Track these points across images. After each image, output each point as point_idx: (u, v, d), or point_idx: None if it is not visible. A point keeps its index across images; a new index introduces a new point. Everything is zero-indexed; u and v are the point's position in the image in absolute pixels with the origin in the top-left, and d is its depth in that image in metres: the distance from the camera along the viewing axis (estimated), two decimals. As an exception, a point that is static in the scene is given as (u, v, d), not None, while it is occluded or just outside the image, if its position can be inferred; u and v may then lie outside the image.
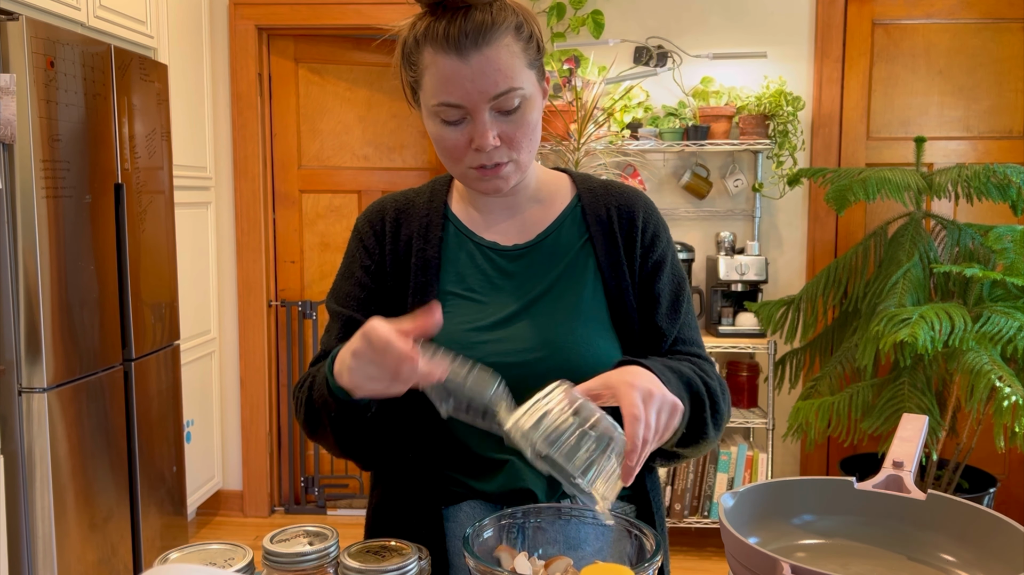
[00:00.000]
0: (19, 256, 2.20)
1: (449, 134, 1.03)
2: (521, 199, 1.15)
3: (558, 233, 1.14)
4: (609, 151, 3.15)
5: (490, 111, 1.01)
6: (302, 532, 0.85)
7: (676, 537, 3.26)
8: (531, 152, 1.07)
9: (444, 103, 1.01)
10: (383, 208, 1.17)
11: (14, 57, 2.13)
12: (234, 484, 3.62)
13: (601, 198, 1.16)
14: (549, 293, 1.10)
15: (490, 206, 1.15)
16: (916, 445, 0.91)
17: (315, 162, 3.65)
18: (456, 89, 0.99)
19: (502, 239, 1.14)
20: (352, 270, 1.15)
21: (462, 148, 1.04)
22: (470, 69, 0.98)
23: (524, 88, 1.02)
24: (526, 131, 1.04)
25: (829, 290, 2.87)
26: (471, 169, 1.05)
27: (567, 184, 1.20)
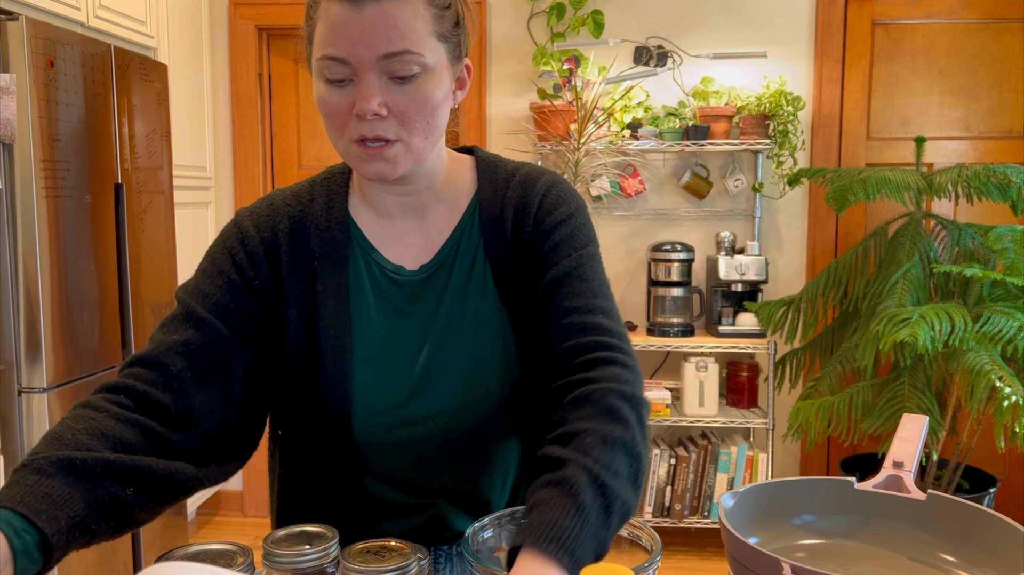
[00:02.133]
0: (19, 256, 2.20)
1: (331, 96, 0.91)
2: (425, 199, 1.02)
3: (458, 244, 1.02)
4: (609, 151, 3.15)
5: (381, 74, 0.89)
6: (302, 532, 0.85)
7: (676, 537, 3.26)
8: (428, 137, 0.94)
9: (328, 56, 0.89)
10: (273, 214, 1.01)
11: (14, 57, 2.13)
12: (234, 484, 3.62)
13: (500, 192, 1.03)
14: (456, 323, 1.00)
15: (391, 209, 1.02)
16: (916, 445, 0.91)
17: (315, 162, 3.65)
18: (342, 41, 0.88)
19: (409, 257, 1.02)
20: (223, 272, 0.99)
21: (344, 114, 0.91)
22: (361, 20, 0.87)
23: (425, 57, 0.90)
24: (421, 107, 0.91)
25: (829, 290, 2.87)
26: (352, 143, 0.92)
27: (470, 176, 1.06)
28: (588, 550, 0.77)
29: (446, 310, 1.01)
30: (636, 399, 0.90)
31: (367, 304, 1.00)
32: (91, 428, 0.86)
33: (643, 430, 0.89)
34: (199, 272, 1.00)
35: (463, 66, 0.98)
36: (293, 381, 1.00)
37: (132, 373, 0.93)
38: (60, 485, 0.81)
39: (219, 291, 0.97)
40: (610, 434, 0.84)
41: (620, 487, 0.82)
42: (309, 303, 0.99)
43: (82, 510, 0.82)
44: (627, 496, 0.83)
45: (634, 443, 0.86)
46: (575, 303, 0.96)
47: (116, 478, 0.84)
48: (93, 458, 0.82)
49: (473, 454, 1.03)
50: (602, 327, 0.94)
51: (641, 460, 0.87)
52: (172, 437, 0.91)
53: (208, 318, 0.96)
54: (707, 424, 3.15)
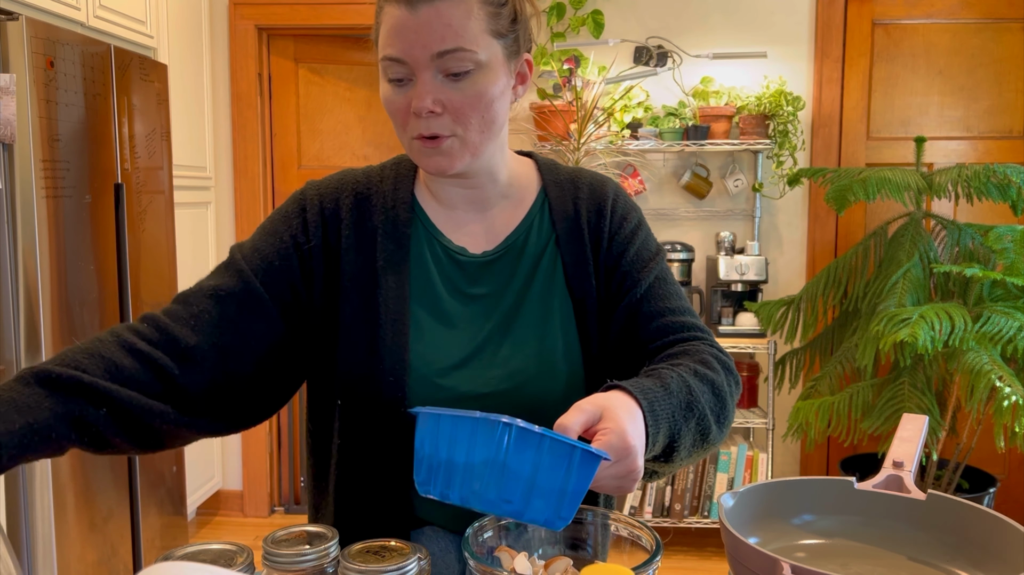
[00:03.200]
0: (19, 256, 2.20)
1: (393, 95, 0.96)
2: (489, 194, 1.06)
3: (527, 236, 1.07)
4: (609, 151, 3.15)
5: (436, 72, 0.93)
6: (302, 532, 0.85)
7: (676, 537, 3.26)
8: (484, 132, 0.98)
9: (388, 57, 0.93)
10: (340, 187, 1.06)
11: (14, 57, 2.13)
12: (234, 484, 3.62)
13: (568, 191, 1.09)
14: (519, 310, 1.04)
15: (455, 200, 1.06)
16: (916, 445, 0.91)
17: (315, 162, 3.65)
18: (399, 41, 0.92)
19: (471, 243, 1.06)
20: (277, 232, 1.03)
21: (404, 112, 0.96)
22: (416, 20, 0.91)
23: (479, 54, 0.93)
24: (475, 103, 0.95)
25: (829, 290, 2.87)
26: (414, 140, 0.97)
27: (534, 175, 1.11)
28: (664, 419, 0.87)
29: (512, 295, 1.04)
30: (729, 367, 1.01)
31: (428, 281, 1.03)
32: (92, 349, 0.90)
33: (732, 391, 0.99)
34: (258, 230, 1.05)
35: (523, 61, 1.01)
36: (349, 351, 1.01)
37: (165, 307, 0.98)
38: (30, 394, 0.84)
39: (268, 248, 1.02)
40: (702, 370, 0.96)
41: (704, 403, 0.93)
42: (369, 275, 1.02)
43: (46, 418, 0.83)
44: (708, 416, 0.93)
45: (723, 389, 0.97)
46: (666, 304, 1.05)
47: (88, 398, 0.86)
48: (69, 375, 0.85)
49: None
50: (695, 325, 1.05)
51: (726, 407, 0.96)
52: (175, 372, 0.93)
53: (245, 270, 1.00)
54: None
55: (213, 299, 0.97)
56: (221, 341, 0.96)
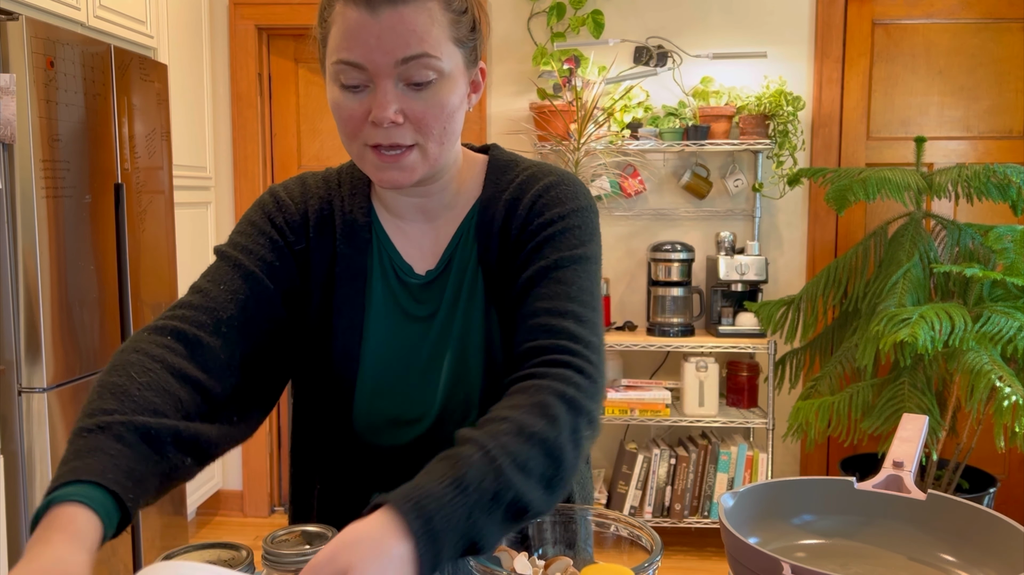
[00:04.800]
0: (19, 256, 2.20)
1: (346, 101, 0.90)
2: (435, 203, 1.02)
3: (456, 250, 1.02)
4: (609, 151, 3.15)
5: (397, 80, 0.89)
6: (302, 532, 0.85)
7: (676, 537, 3.26)
8: (443, 144, 0.93)
9: (344, 61, 0.88)
10: (306, 191, 1.04)
11: (14, 57, 2.13)
12: (234, 484, 3.62)
13: (500, 193, 1.01)
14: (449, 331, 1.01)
15: (404, 210, 1.03)
16: (916, 445, 0.91)
17: (315, 162, 3.65)
18: (359, 46, 0.87)
19: (418, 260, 1.03)
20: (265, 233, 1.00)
21: (358, 120, 0.91)
22: (378, 25, 0.86)
23: (442, 62, 0.89)
24: (438, 114, 0.90)
25: (829, 290, 2.87)
26: (367, 148, 0.92)
27: (479, 180, 1.04)
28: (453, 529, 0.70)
29: (442, 315, 1.02)
30: (577, 405, 0.83)
31: (380, 295, 1.02)
32: (154, 383, 0.85)
33: (575, 438, 0.82)
34: (237, 234, 1.01)
35: (478, 70, 0.98)
36: (307, 354, 1.03)
37: (182, 315, 0.92)
38: (138, 458, 0.79)
39: (263, 249, 0.99)
40: (529, 427, 0.79)
41: (521, 481, 0.75)
42: (328, 283, 1.01)
43: (153, 487, 0.81)
44: (528, 493, 0.76)
45: (557, 445, 0.79)
46: (546, 304, 0.92)
47: (180, 448, 0.84)
48: (164, 427, 0.82)
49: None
50: (568, 331, 0.89)
51: (561, 465, 0.80)
52: (214, 389, 0.91)
53: (256, 272, 0.97)
54: (707, 424, 3.15)
55: (235, 305, 0.95)
56: (248, 348, 0.95)
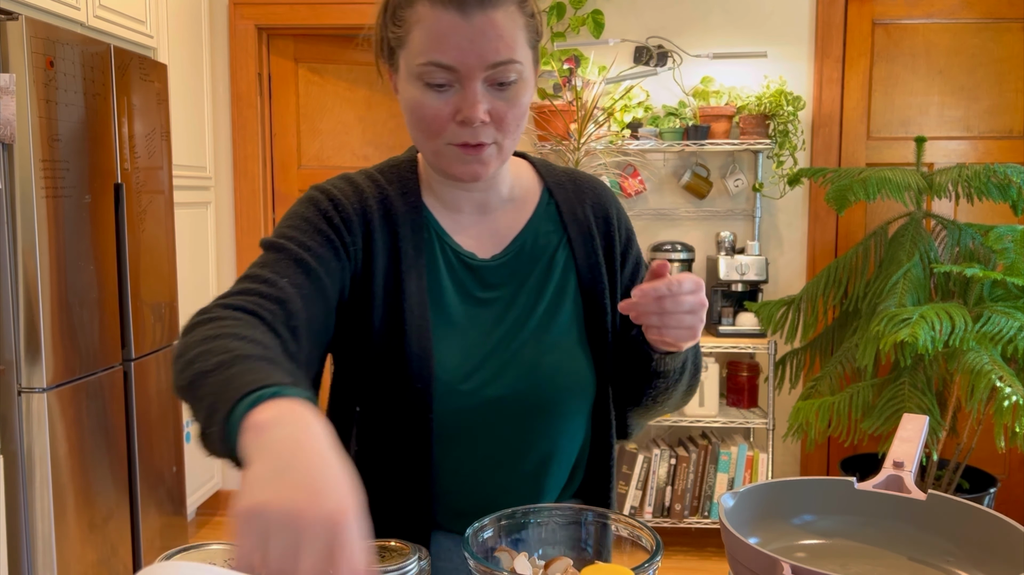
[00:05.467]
0: (19, 256, 2.20)
1: (432, 101, 0.93)
2: (493, 197, 1.07)
3: (534, 236, 1.07)
4: (609, 151, 3.14)
5: (483, 82, 0.92)
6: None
7: (676, 537, 3.26)
8: (515, 141, 0.99)
9: (434, 62, 0.91)
10: (360, 191, 1.03)
11: (14, 57, 2.13)
12: (234, 484, 3.61)
13: (573, 194, 1.11)
14: (532, 311, 1.04)
15: (460, 204, 1.06)
16: (916, 445, 0.91)
17: (315, 162, 3.65)
18: (451, 48, 0.90)
19: (478, 248, 1.05)
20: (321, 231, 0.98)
21: (444, 119, 0.94)
22: (471, 28, 0.89)
23: (523, 65, 0.94)
24: (516, 114, 0.96)
25: (829, 290, 2.87)
26: (450, 146, 0.95)
27: (532, 176, 1.12)
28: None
29: (524, 296, 1.04)
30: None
31: (442, 286, 1.02)
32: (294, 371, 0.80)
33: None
34: (289, 227, 0.98)
35: (538, 70, 1.03)
36: (377, 357, 1.00)
37: (255, 302, 0.88)
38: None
39: (320, 247, 0.96)
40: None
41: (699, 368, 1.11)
42: (394, 282, 1.00)
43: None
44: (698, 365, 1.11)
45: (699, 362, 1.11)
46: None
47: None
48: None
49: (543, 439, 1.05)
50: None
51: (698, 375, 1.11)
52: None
53: (317, 269, 0.95)
54: (707, 424, 3.15)
55: (301, 300, 0.92)
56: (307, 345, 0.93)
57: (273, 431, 0.64)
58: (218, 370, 0.74)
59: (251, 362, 0.75)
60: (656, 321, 0.92)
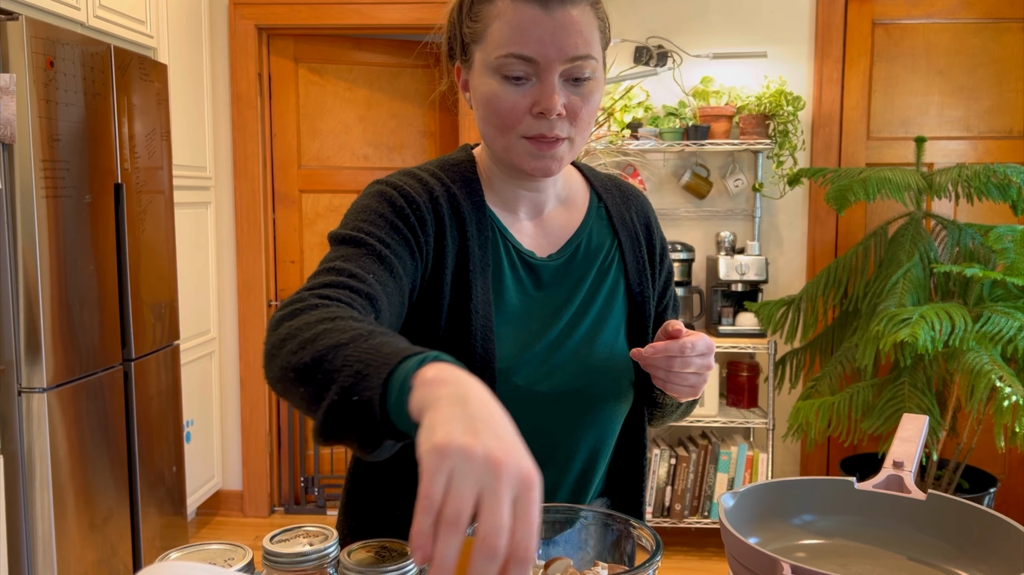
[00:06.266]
0: (19, 256, 2.20)
1: (509, 93, 0.94)
2: (548, 196, 1.09)
3: (588, 239, 1.09)
4: (609, 151, 3.14)
5: (560, 76, 0.94)
6: (302, 532, 0.85)
7: (676, 537, 3.26)
8: (585, 139, 1.00)
9: (514, 54, 0.93)
10: (429, 188, 1.01)
11: (14, 57, 2.13)
12: (234, 484, 3.62)
13: (620, 200, 1.15)
14: (586, 311, 1.07)
15: (518, 203, 1.07)
16: (916, 445, 0.91)
17: (315, 162, 3.65)
18: (532, 40, 0.92)
19: (536, 248, 1.07)
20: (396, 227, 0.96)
21: (520, 112, 0.95)
22: (552, 22, 0.92)
23: (597, 62, 0.96)
24: (590, 110, 0.97)
25: (829, 290, 2.87)
26: (524, 139, 0.96)
27: (580, 180, 1.15)
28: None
29: (579, 296, 1.06)
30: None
31: (506, 285, 1.04)
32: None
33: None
34: (364, 222, 0.95)
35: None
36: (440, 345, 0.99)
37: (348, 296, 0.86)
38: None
39: (397, 244, 0.95)
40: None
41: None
42: (462, 282, 1.00)
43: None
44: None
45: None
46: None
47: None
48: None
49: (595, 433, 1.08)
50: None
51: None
52: None
53: (397, 267, 0.93)
54: (707, 424, 3.15)
55: (386, 296, 0.90)
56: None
57: (451, 386, 0.64)
58: (357, 341, 0.73)
59: (391, 336, 0.75)
60: (662, 375, 0.97)
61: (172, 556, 0.81)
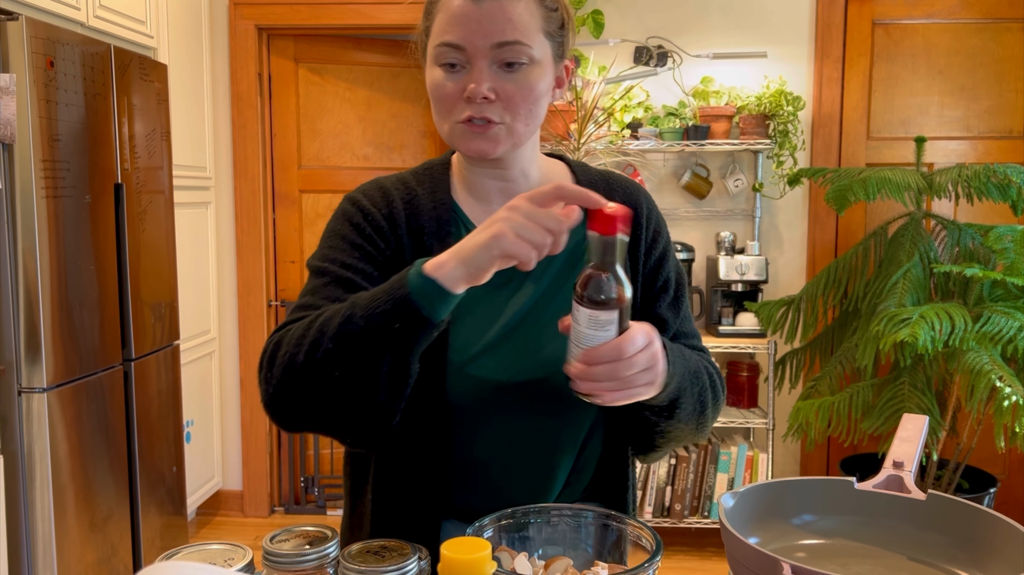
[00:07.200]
0: (19, 256, 2.20)
1: (445, 80, 1.00)
2: (521, 187, 1.10)
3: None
4: (609, 151, 3.14)
5: (492, 63, 0.98)
6: (302, 532, 0.85)
7: (676, 537, 3.26)
8: (528, 124, 1.03)
9: (445, 42, 0.98)
10: (388, 196, 1.08)
11: (14, 57, 2.13)
12: (234, 484, 3.62)
13: (603, 191, 1.13)
14: (552, 298, 1.07)
15: (490, 193, 1.10)
16: (916, 445, 0.91)
17: (315, 162, 3.65)
18: (460, 29, 0.97)
19: None
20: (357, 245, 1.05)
21: (454, 97, 1.00)
22: (479, 11, 0.97)
23: (533, 49, 0.99)
24: (526, 95, 1.00)
25: (829, 290, 2.87)
26: (459, 123, 1.01)
27: (567, 174, 1.16)
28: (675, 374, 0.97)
29: (546, 285, 1.07)
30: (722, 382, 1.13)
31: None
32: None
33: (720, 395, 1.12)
34: (327, 247, 1.06)
35: (563, 66, 1.07)
36: None
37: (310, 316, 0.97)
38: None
39: (359, 262, 1.04)
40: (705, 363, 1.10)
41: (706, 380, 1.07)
42: None
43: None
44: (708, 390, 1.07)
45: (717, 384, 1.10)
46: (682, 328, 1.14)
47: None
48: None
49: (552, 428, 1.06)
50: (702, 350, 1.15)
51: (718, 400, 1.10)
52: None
53: (361, 283, 1.02)
54: (707, 424, 3.15)
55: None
56: None
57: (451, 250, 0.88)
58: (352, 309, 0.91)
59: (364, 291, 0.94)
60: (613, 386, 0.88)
61: (172, 556, 0.81)
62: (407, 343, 0.89)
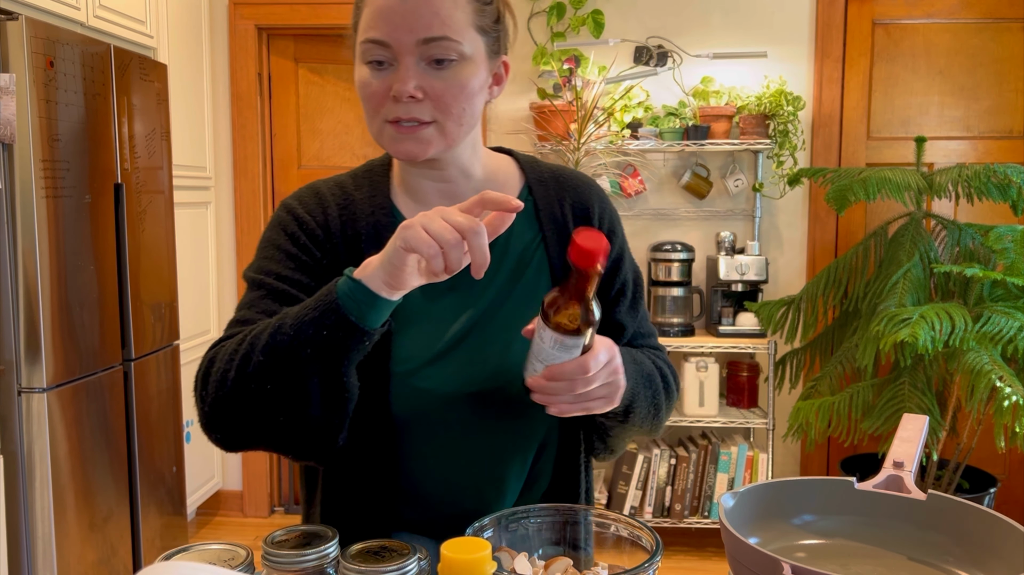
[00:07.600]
0: (19, 256, 2.20)
1: (371, 79, 0.95)
2: (463, 189, 1.05)
3: (508, 233, 1.02)
4: (609, 151, 3.14)
5: (419, 59, 0.93)
6: (302, 532, 0.85)
7: (676, 537, 3.26)
8: (461, 124, 0.97)
9: (370, 39, 0.93)
10: (324, 202, 1.04)
11: (14, 57, 2.13)
12: (234, 484, 3.62)
13: (554, 191, 1.09)
14: (501, 305, 1.03)
15: (429, 195, 1.05)
16: (916, 445, 0.91)
17: (315, 162, 3.65)
18: (384, 24, 0.92)
19: None
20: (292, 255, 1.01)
21: (381, 96, 0.95)
22: (404, 6, 0.91)
23: (463, 45, 0.94)
24: (456, 93, 0.95)
25: (829, 290, 2.87)
26: (387, 123, 0.96)
27: (514, 171, 1.11)
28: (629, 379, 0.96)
29: (494, 291, 1.03)
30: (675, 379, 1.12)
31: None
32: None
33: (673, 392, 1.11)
34: (263, 258, 1.02)
35: (501, 62, 1.02)
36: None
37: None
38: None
39: (293, 272, 1.00)
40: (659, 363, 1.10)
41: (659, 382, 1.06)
42: None
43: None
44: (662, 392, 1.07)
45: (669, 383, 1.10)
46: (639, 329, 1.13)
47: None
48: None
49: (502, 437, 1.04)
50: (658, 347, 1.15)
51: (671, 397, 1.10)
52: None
53: (296, 294, 0.98)
54: (707, 424, 3.15)
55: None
56: None
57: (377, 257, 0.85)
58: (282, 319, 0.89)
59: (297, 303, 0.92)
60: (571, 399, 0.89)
61: (172, 556, 0.81)
62: (338, 352, 0.85)
